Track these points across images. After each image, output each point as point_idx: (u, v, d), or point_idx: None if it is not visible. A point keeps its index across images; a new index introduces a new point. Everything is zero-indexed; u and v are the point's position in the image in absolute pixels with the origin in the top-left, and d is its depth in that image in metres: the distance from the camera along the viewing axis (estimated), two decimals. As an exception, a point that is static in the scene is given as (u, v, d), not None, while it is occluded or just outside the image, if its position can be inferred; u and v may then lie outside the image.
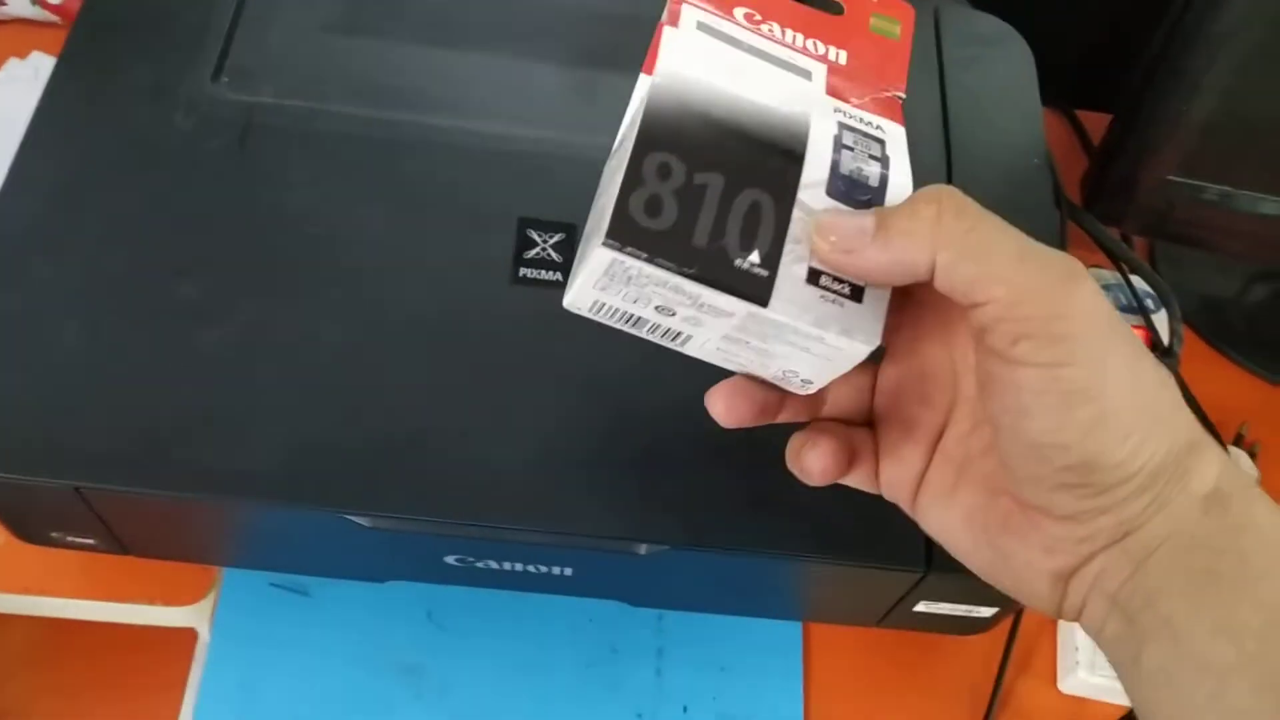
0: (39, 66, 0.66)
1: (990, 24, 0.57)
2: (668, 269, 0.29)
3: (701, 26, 0.32)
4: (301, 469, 0.42)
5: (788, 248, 0.30)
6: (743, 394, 0.33)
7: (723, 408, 0.33)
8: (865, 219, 0.29)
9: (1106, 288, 0.64)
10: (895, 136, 0.33)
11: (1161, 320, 0.63)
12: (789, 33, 0.34)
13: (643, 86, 0.32)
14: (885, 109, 0.34)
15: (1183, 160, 0.58)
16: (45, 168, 0.47)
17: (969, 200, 0.29)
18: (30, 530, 0.48)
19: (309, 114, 0.49)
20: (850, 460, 0.34)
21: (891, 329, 0.31)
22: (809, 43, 0.34)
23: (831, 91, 0.33)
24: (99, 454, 0.41)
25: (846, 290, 0.30)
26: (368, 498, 0.42)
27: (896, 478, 0.34)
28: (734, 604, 0.52)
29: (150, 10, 0.51)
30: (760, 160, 0.30)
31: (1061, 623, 0.57)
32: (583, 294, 0.30)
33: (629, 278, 0.29)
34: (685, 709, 0.53)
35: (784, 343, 0.31)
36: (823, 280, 0.30)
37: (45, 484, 0.42)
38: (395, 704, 0.52)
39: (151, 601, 0.53)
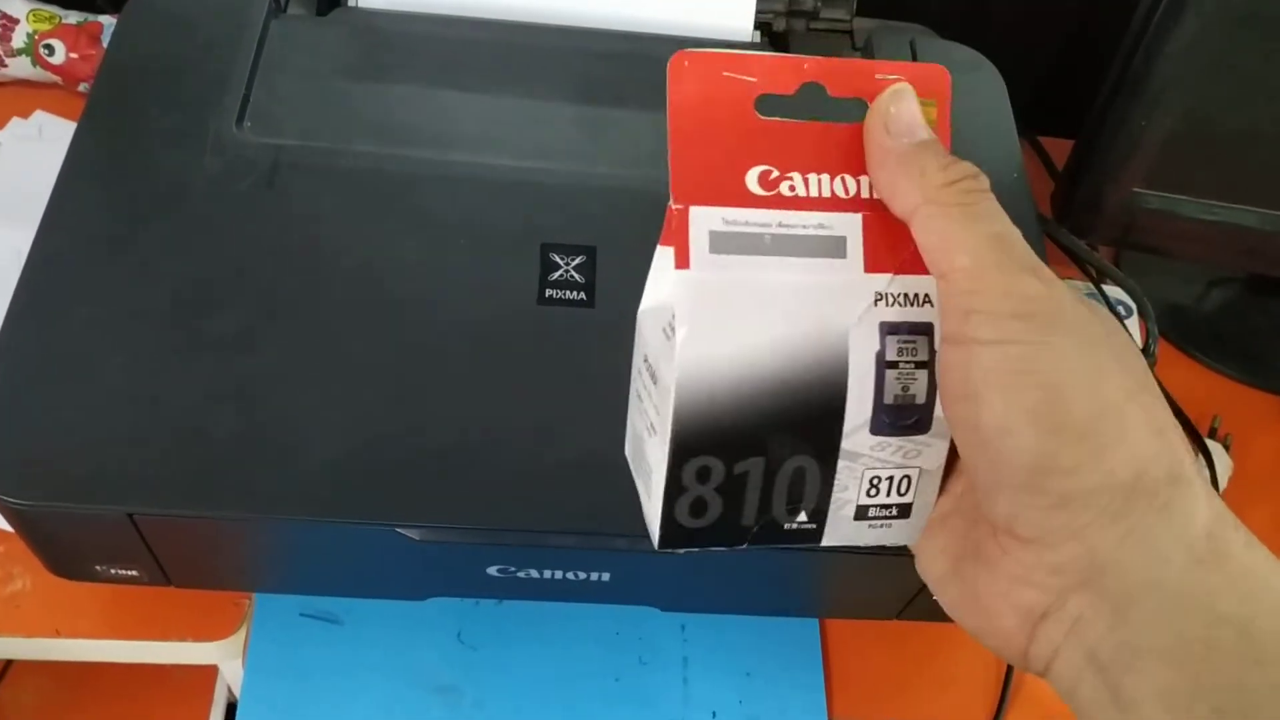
0: (42, 124, 0.68)
1: (963, 53, 0.61)
2: (720, 549, 0.31)
3: (715, 242, 0.29)
4: (351, 485, 0.43)
5: (835, 496, 0.31)
6: None
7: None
8: (917, 134, 0.29)
9: (1081, 297, 0.68)
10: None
11: (1133, 325, 0.67)
12: (813, 181, 0.30)
13: (662, 268, 0.29)
14: None
15: (1146, 174, 0.62)
16: (79, 213, 0.48)
17: (994, 200, 0.28)
18: (73, 564, 0.48)
19: (333, 154, 0.51)
20: None
21: None
22: (837, 184, 0.30)
23: (870, 258, 0.30)
24: (150, 480, 0.43)
25: (893, 512, 0.31)
26: (417, 510, 0.43)
27: None
28: (762, 603, 0.54)
29: (170, 62, 0.53)
30: (798, 428, 0.30)
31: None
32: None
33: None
34: (714, 715, 0.55)
35: None
36: (871, 513, 0.31)
37: (97, 511, 0.43)
38: (432, 725, 0.53)
39: (183, 638, 0.53)
